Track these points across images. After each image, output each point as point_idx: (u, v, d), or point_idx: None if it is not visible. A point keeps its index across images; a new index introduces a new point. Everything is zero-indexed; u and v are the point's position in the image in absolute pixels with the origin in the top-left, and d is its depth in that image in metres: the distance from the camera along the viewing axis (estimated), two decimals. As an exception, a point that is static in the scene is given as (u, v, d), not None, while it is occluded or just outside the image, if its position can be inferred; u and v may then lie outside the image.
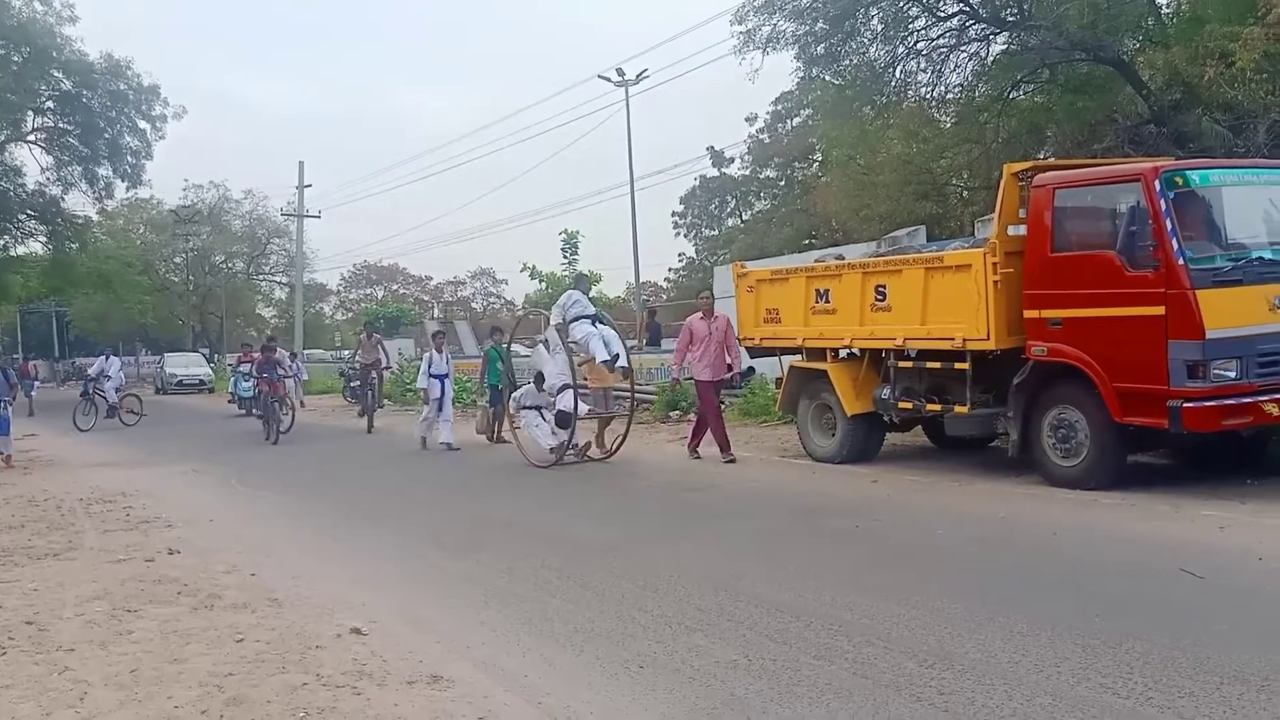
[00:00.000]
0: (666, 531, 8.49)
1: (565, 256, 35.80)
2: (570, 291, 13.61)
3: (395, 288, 75.07)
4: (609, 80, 35.65)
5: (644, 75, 35.96)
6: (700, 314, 12.62)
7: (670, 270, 52.48)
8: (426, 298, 74.75)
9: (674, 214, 46.82)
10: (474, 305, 74.58)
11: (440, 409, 15.71)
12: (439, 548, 8.16)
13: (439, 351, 16.30)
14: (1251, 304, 8.14)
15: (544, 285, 35.21)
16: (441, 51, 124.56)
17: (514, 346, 15.75)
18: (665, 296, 53.02)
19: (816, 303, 11.53)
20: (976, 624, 5.32)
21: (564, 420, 12.54)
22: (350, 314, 72.10)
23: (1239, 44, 13.18)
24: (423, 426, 15.93)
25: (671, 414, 17.73)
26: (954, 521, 8.16)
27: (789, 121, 38.15)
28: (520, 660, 5.16)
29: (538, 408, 13.06)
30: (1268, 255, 8.52)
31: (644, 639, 5.39)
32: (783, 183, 39.76)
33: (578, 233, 36.02)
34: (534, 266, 35.16)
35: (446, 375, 15.95)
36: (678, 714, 4.34)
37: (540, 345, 13.87)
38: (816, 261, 12.78)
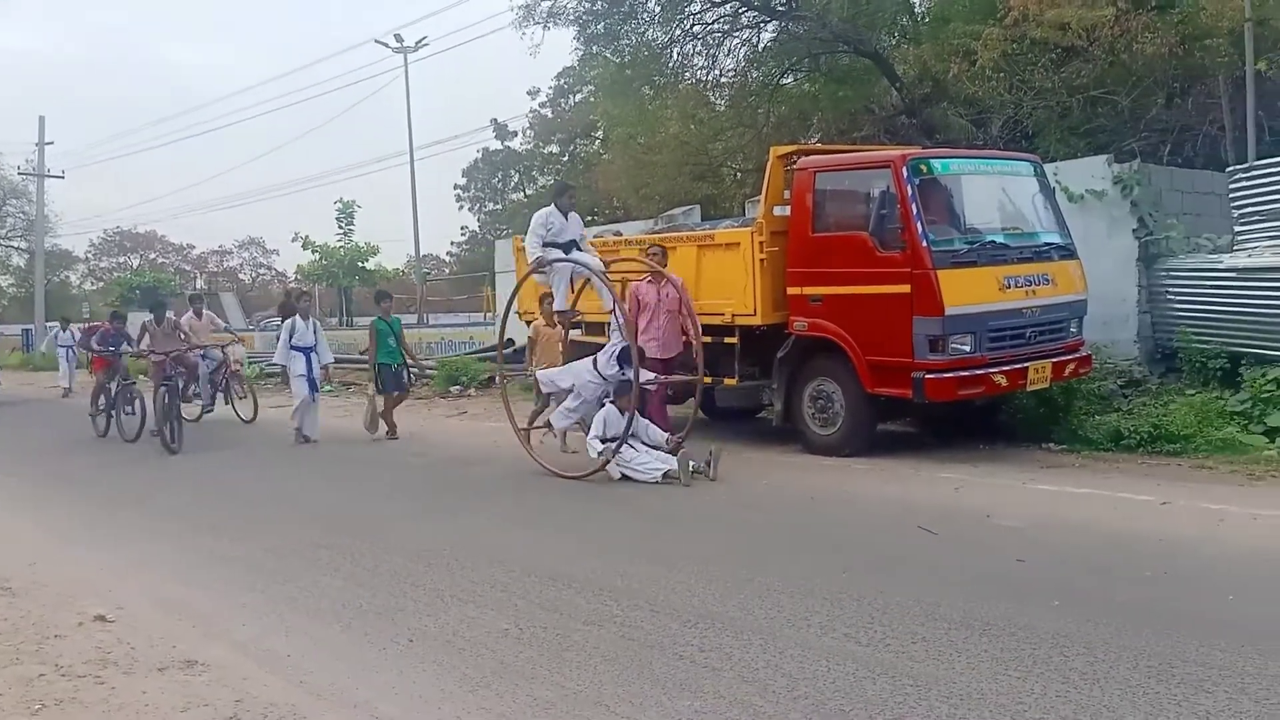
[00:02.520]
0: (443, 507, 8.42)
1: (341, 226, 34.65)
2: (541, 211, 9.89)
3: (153, 256, 70.09)
4: (387, 46, 34.65)
5: (424, 42, 35.22)
6: (647, 277, 10.05)
7: (453, 243, 51.70)
8: (188, 267, 70.27)
9: (456, 186, 46.10)
10: (241, 276, 70.77)
11: (308, 389, 12.42)
12: (200, 529, 7.74)
13: (304, 319, 12.80)
14: (984, 284, 8.90)
15: (318, 256, 33.85)
16: (206, 3, 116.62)
17: None
18: (448, 270, 52.18)
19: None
20: (737, 584, 5.60)
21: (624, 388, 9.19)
22: (101, 283, 66.77)
23: (980, 43, 14.35)
24: (298, 415, 12.52)
25: (451, 389, 17.53)
26: (722, 488, 8.52)
27: (571, 97, 38.27)
28: (284, 640, 5.00)
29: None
30: (999, 239, 9.33)
31: (415, 613, 5.35)
32: (566, 159, 39.87)
33: (354, 202, 34.94)
34: (307, 236, 33.75)
35: (314, 348, 12.64)
36: (447, 684, 4.34)
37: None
38: (595, 238, 12.91)
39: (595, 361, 9.44)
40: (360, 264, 34.22)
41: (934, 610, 5.00)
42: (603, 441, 9.04)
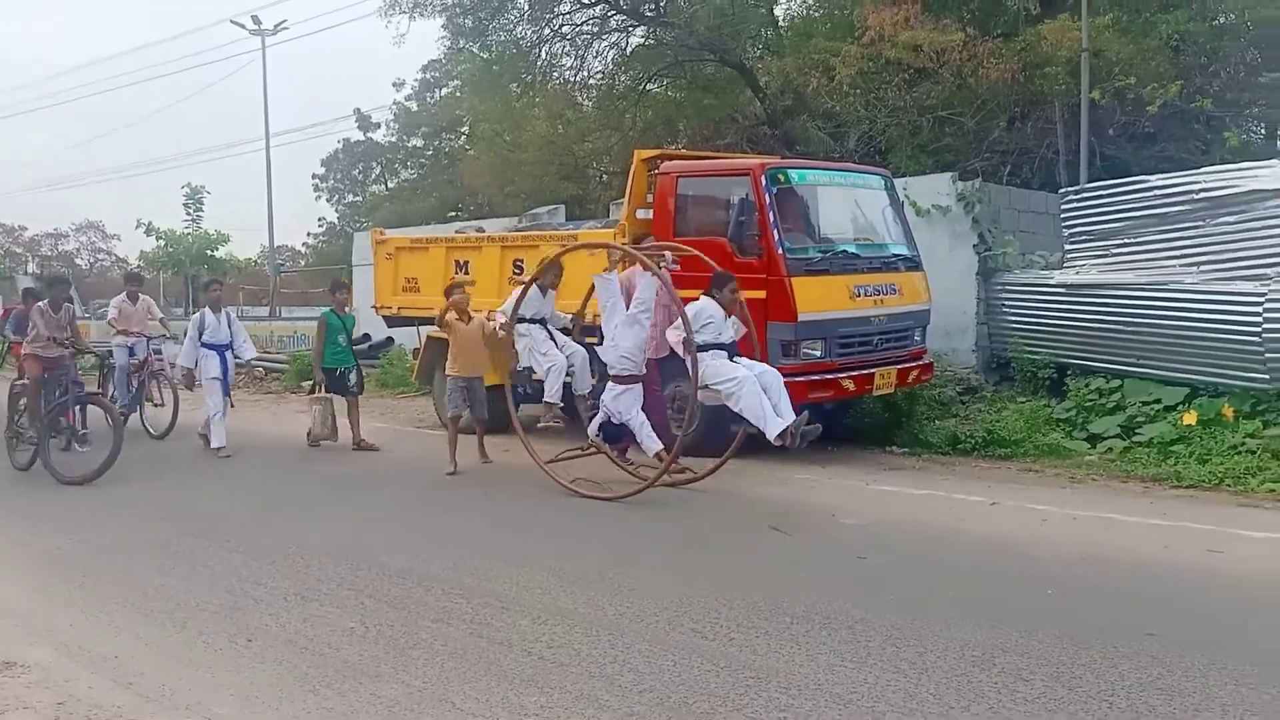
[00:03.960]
0: (294, 505, 8.17)
1: (189, 213, 33.12)
2: None
3: (-20, 237, 65.50)
4: (243, 27, 33.41)
5: (283, 26, 34.12)
6: (638, 266, 8.87)
7: (310, 235, 50.19)
8: (19, 250, 65.96)
9: (315, 176, 44.77)
10: (78, 261, 66.86)
11: (223, 395, 10.69)
12: (25, 521, 7.31)
13: (216, 312, 10.85)
14: (835, 292, 9.20)
15: (163, 243, 32.27)
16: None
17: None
18: (304, 261, 50.62)
19: (456, 273, 11.53)
20: (589, 582, 5.64)
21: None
22: (-80, 264, 61.95)
23: (839, 60, 14.84)
24: (210, 425, 10.63)
25: (303, 384, 16.99)
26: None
27: (437, 91, 37.66)
28: (113, 641, 4.78)
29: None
30: (851, 249, 9.66)
31: (256, 612, 5.19)
32: (430, 153, 39.21)
33: (203, 188, 33.42)
34: (150, 222, 32.08)
35: (229, 346, 10.83)
36: (287, 684, 4.23)
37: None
38: (458, 233, 12.79)
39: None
40: (209, 252, 32.75)
41: (778, 605, 5.15)
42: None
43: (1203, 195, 9.44)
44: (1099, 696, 3.99)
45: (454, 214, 28.74)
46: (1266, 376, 8.75)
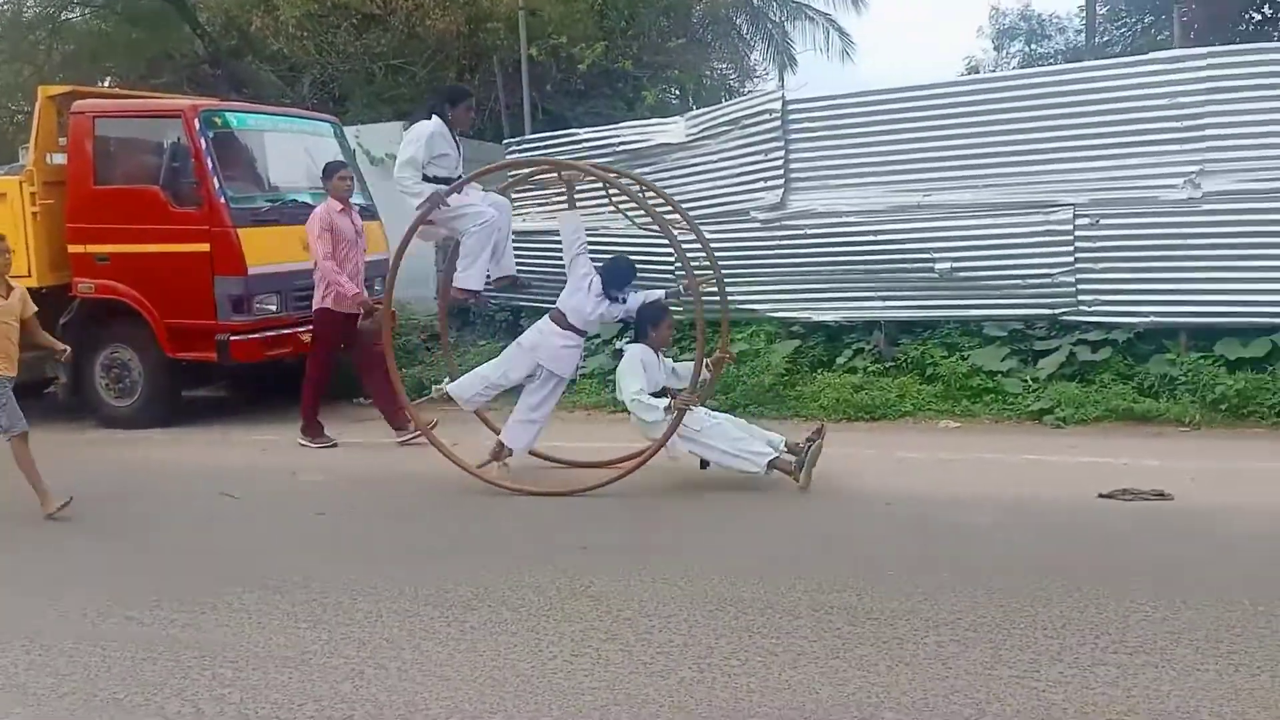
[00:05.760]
0: None
1: None
2: (419, 126, 7.38)
3: None
4: None
5: None
6: (340, 204, 8.13)
7: None
8: None
9: None
10: None
11: None
12: None
13: None
14: (288, 243, 8.83)
15: None
16: None
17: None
18: None
19: None
20: None
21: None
22: None
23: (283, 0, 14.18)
24: None
25: None
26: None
27: None
28: None
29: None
30: (304, 198, 9.33)
31: None
32: None
33: None
34: None
35: None
36: None
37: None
38: None
39: (562, 319, 6.95)
40: None
41: (229, 576, 4.90)
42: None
43: (623, 148, 10.46)
44: (516, 606, 4.33)
45: None
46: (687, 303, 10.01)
